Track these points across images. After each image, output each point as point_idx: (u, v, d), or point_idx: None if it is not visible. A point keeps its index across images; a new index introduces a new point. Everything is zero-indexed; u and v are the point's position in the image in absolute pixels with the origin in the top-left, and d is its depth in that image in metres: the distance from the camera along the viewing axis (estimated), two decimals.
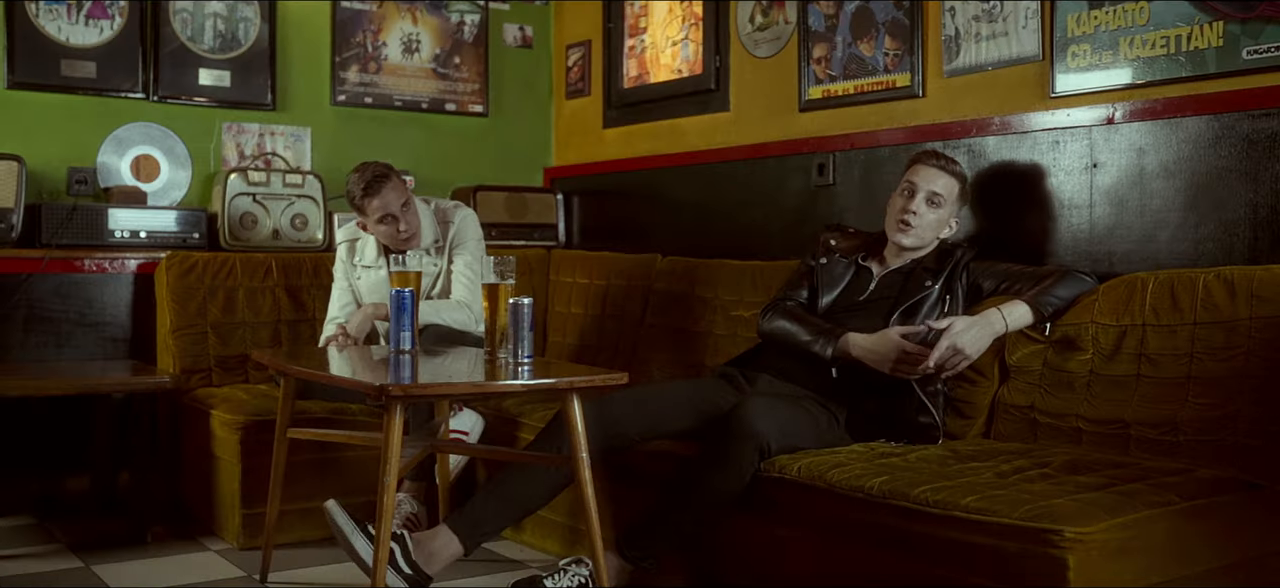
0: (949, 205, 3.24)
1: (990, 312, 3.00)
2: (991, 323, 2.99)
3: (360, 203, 3.78)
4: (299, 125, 4.77)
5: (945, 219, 3.25)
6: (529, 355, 2.89)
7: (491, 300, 3.09)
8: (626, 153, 4.87)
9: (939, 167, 3.25)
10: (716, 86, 4.45)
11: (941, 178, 3.23)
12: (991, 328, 2.98)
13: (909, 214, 3.22)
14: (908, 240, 3.25)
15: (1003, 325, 2.99)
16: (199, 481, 3.89)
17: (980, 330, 2.97)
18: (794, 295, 3.41)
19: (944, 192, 3.22)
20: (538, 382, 2.64)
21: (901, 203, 3.25)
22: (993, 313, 3.00)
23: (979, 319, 2.99)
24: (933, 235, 3.26)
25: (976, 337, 2.96)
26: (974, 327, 2.97)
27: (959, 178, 3.26)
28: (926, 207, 3.22)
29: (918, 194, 3.22)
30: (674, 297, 4.19)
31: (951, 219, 3.28)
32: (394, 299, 3.17)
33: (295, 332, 4.30)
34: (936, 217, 3.23)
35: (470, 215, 3.99)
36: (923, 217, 3.21)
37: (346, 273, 4.03)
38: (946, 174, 3.24)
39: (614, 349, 4.40)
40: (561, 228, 5.13)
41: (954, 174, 3.25)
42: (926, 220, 3.22)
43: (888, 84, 3.82)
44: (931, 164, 3.25)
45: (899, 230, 3.25)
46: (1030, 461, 2.69)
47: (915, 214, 3.21)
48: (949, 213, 3.26)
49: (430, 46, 5.07)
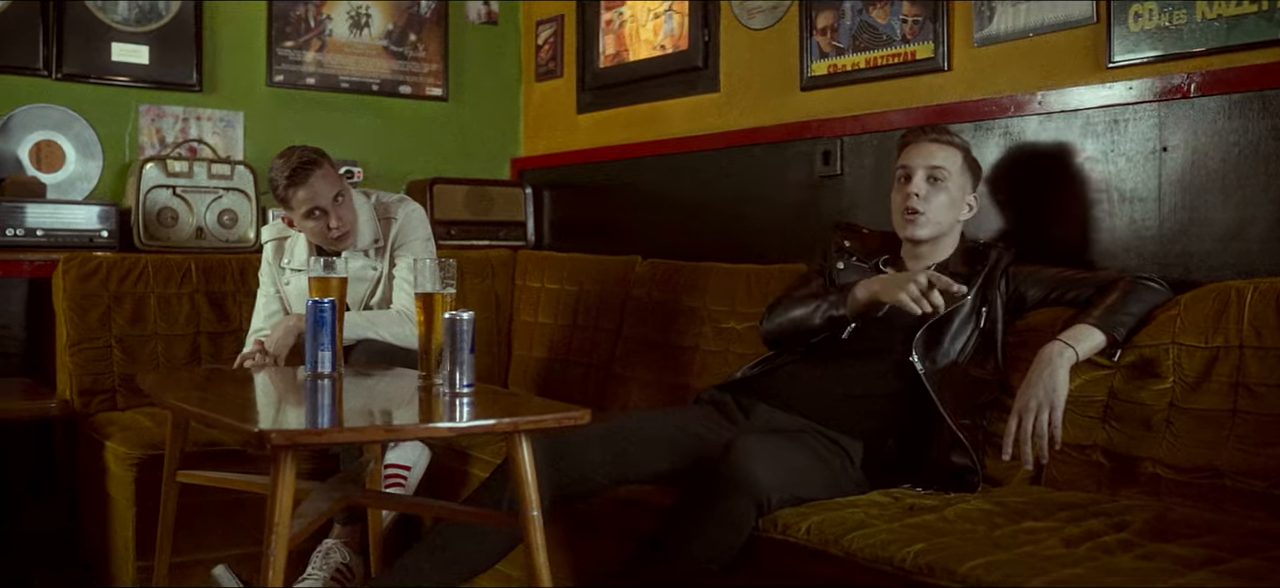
0: (955, 180, 2.71)
1: (1052, 346, 2.43)
2: (1058, 358, 2.43)
3: (284, 194, 3.20)
4: (229, 109, 4.19)
5: (957, 198, 2.73)
6: (469, 383, 2.31)
7: (427, 314, 2.51)
8: (603, 141, 4.33)
9: (932, 139, 2.74)
10: (705, 64, 3.88)
11: (938, 150, 2.72)
12: (1059, 364, 2.42)
13: (913, 200, 2.70)
14: (921, 232, 2.71)
15: (1073, 356, 2.43)
16: (95, 522, 3.31)
17: (1047, 372, 2.42)
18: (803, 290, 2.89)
19: (945, 164, 2.71)
20: (476, 423, 2.05)
21: (901, 193, 2.74)
22: (1057, 346, 2.43)
23: (1041, 359, 2.44)
24: (948, 220, 2.73)
25: (1046, 382, 2.42)
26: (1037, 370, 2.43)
27: (959, 147, 2.75)
28: (929, 187, 2.70)
29: (915, 175, 2.71)
30: (655, 305, 3.64)
31: (965, 198, 2.75)
32: (311, 312, 2.60)
33: (217, 345, 3.72)
34: (946, 197, 2.71)
35: (416, 210, 3.41)
36: (928, 200, 2.70)
37: (274, 277, 3.46)
38: (943, 145, 2.73)
39: (586, 365, 3.83)
40: (530, 226, 4.60)
41: (952, 144, 2.74)
42: (935, 203, 2.70)
43: (906, 56, 3.24)
44: (922, 139, 2.75)
45: (907, 223, 2.72)
46: (1104, 521, 2.12)
47: (919, 197, 2.69)
48: (959, 190, 2.73)
49: (382, 22, 4.49)
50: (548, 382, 3.96)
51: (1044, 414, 2.38)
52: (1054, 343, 2.42)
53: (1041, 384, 2.39)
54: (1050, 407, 2.38)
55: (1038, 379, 2.40)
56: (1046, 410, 2.38)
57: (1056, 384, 2.39)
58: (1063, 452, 2.48)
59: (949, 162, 2.71)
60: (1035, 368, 2.42)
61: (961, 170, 2.73)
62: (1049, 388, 2.39)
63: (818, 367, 2.73)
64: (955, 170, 2.71)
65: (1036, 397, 2.39)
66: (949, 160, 2.71)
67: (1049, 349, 2.42)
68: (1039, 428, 2.38)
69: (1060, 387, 2.39)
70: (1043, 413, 2.38)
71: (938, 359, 2.61)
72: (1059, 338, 2.43)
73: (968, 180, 2.75)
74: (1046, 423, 2.38)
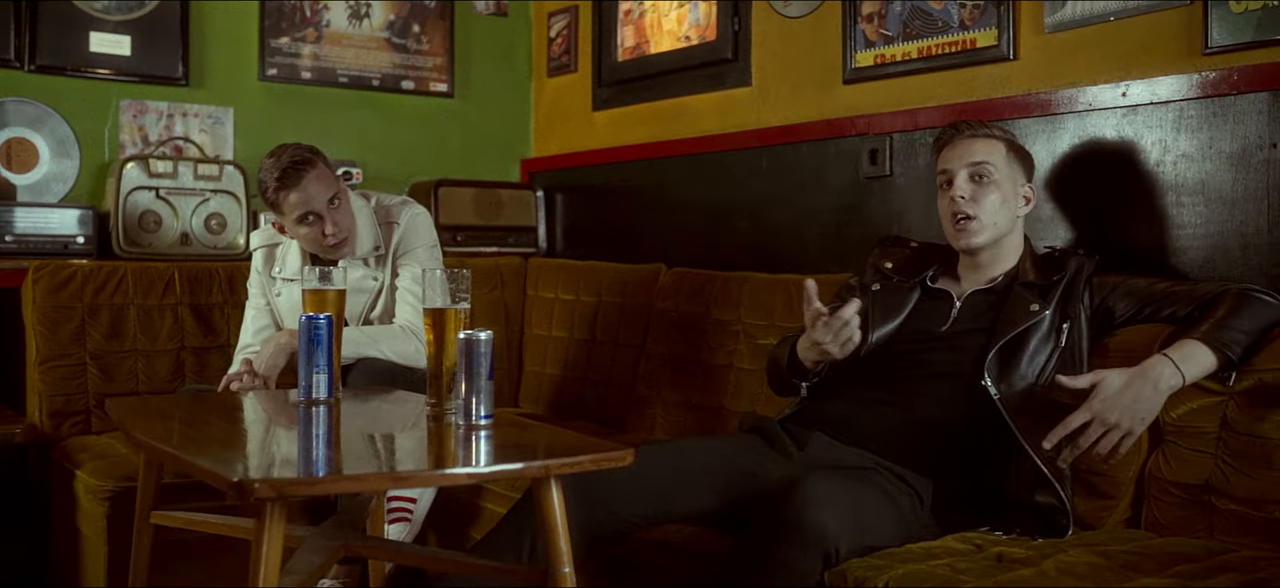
0: (1004, 173, 2.41)
1: (1157, 362, 2.11)
2: (1161, 379, 2.10)
3: (274, 197, 2.89)
4: (219, 105, 3.88)
5: (1010, 194, 2.42)
6: (488, 413, 1.99)
7: (437, 331, 2.19)
8: (622, 140, 4.01)
9: (970, 135, 2.45)
10: (735, 56, 3.57)
11: (978, 145, 2.43)
12: (1162, 387, 2.10)
13: (960, 204, 2.40)
14: (977, 239, 2.41)
15: (1178, 380, 2.10)
16: (65, 558, 2.99)
17: (1146, 391, 2.09)
18: None
19: (988, 157, 2.41)
20: (500, 468, 1.72)
21: (946, 199, 2.44)
22: (1161, 364, 2.11)
23: (1142, 372, 2.11)
24: (1005, 219, 2.42)
25: (1140, 403, 2.09)
26: (1134, 385, 2.09)
27: (1001, 139, 2.45)
28: (975, 187, 2.40)
29: (957, 177, 2.41)
30: (683, 319, 3.32)
31: (1019, 191, 2.44)
32: (305, 329, 2.28)
33: (203, 362, 3.40)
34: (997, 194, 2.40)
35: (421, 215, 3.09)
36: (978, 201, 2.39)
37: (264, 288, 3.14)
38: (982, 138, 2.44)
39: (605, 384, 3.51)
40: (542, 232, 4.29)
41: (992, 136, 2.45)
42: (987, 205, 2.39)
43: (965, 44, 2.93)
44: (958, 136, 2.46)
45: (959, 233, 2.42)
46: (1234, 579, 1.80)
47: (965, 199, 2.39)
48: (1010, 183, 2.42)
49: (383, 12, 4.17)
50: (563, 402, 3.65)
51: (1115, 436, 2.07)
52: (1162, 359, 2.10)
53: (1136, 404, 2.08)
54: (1128, 433, 2.07)
55: (1131, 394, 2.08)
56: (1120, 435, 2.07)
57: (1150, 411, 2.09)
58: (1164, 490, 2.16)
59: (992, 155, 2.41)
60: (1135, 379, 2.10)
61: (1008, 162, 2.43)
62: (1137, 412, 2.08)
63: (879, 391, 2.42)
64: (1001, 163, 2.42)
65: (1124, 414, 2.07)
66: (992, 153, 2.41)
67: (1156, 366, 2.10)
68: (1104, 446, 2.07)
69: (1150, 416, 2.09)
70: (1115, 435, 2.07)
71: (1014, 382, 2.29)
72: (1167, 355, 2.11)
73: (1018, 171, 2.45)
74: (1112, 444, 2.07)
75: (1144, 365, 2.11)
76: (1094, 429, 2.08)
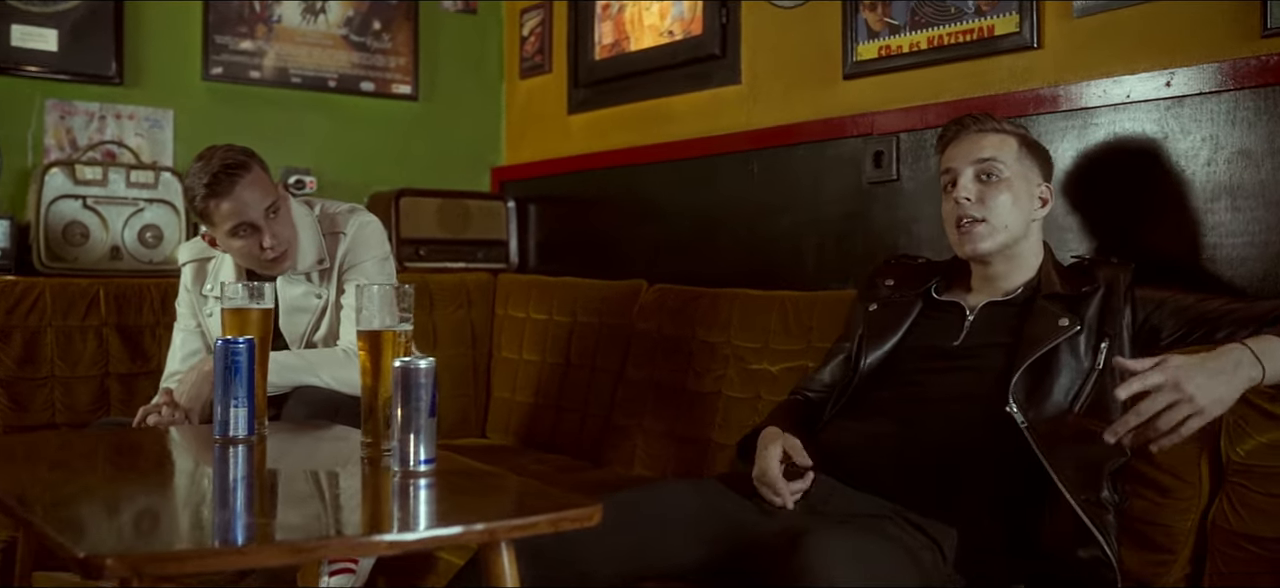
0: (1015, 171, 2.10)
1: (1233, 348, 1.78)
2: (1240, 362, 1.76)
3: (203, 206, 2.55)
4: (156, 107, 3.55)
5: (1022, 194, 2.11)
6: (428, 458, 1.65)
7: (373, 357, 1.85)
8: (600, 146, 3.70)
9: (976, 129, 2.15)
10: (722, 52, 3.25)
11: (985, 140, 2.13)
12: (1241, 373, 1.76)
13: (965, 207, 2.09)
14: (984, 245, 2.09)
15: (1258, 371, 1.76)
16: None
17: (1225, 367, 1.75)
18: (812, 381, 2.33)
19: (996, 154, 2.10)
20: (436, 533, 1.36)
21: (949, 202, 2.14)
22: (1237, 350, 1.77)
23: (1218, 352, 1.77)
24: (1017, 222, 2.10)
25: (1217, 379, 1.73)
26: (1212, 361, 1.75)
27: (1013, 133, 2.14)
28: (981, 186, 2.09)
29: (963, 175, 2.11)
30: (666, 341, 3.00)
31: (1034, 191, 2.13)
32: (221, 355, 1.95)
33: (131, 390, 3.06)
34: (1007, 195, 2.09)
35: (370, 224, 2.75)
36: (985, 203, 2.08)
37: (194, 308, 2.80)
38: (990, 133, 2.13)
39: (581, 413, 3.18)
40: (513, 245, 3.97)
41: (1002, 130, 2.14)
42: (996, 206, 2.08)
43: (982, 32, 2.61)
44: (963, 132, 2.16)
45: (964, 237, 2.11)
46: None
47: (970, 202, 2.09)
48: (1023, 181, 2.11)
49: (341, 7, 3.85)
50: (534, 432, 3.31)
51: (1185, 410, 1.71)
52: (1245, 348, 1.77)
53: (1212, 379, 1.72)
54: (1200, 411, 1.71)
55: (1209, 375, 1.72)
56: (1190, 411, 1.71)
57: (1227, 394, 1.73)
58: (1231, 542, 1.83)
59: (1001, 151, 2.10)
60: (1214, 358, 1.75)
61: (1019, 158, 2.12)
62: (1213, 390, 1.71)
63: (886, 421, 2.09)
64: (1012, 160, 2.10)
65: (1198, 387, 1.71)
66: (1001, 149, 2.10)
67: (1238, 355, 1.76)
68: (1166, 422, 1.71)
69: (1226, 399, 1.73)
70: (1185, 408, 1.71)
71: (1045, 409, 1.96)
72: (1249, 345, 1.78)
73: (1032, 168, 2.13)
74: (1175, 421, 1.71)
75: (1225, 349, 1.77)
76: (1166, 394, 1.72)
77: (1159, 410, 1.71)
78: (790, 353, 2.63)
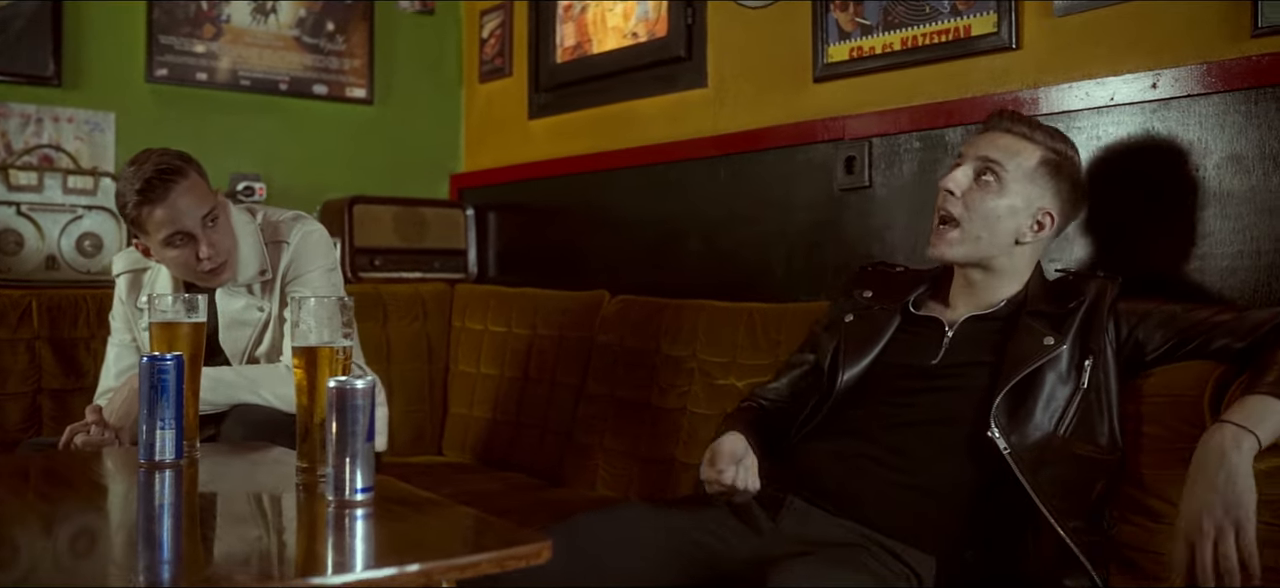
0: (1019, 184, 1.97)
1: (1225, 439, 1.66)
2: (1224, 446, 1.65)
3: (136, 214, 2.39)
4: (97, 109, 3.39)
5: (1018, 209, 1.97)
6: (364, 486, 1.51)
7: (309, 376, 1.71)
8: (562, 151, 3.57)
9: (1004, 129, 2.00)
10: (688, 54, 3.13)
11: (1003, 140, 1.99)
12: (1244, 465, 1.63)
13: (946, 201, 1.98)
14: (950, 251, 1.99)
15: (1251, 441, 1.65)
16: None
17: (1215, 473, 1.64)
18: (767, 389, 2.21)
19: (1004, 158, 1.97)
20: (371, 575, 1.21)
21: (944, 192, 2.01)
22: (1218, 432, 1.66)
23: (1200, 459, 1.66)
24: (996, 239, 1.98)
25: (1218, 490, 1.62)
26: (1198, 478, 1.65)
27: (1044, 146, 1.99)
28: (974, 186, 1.97)
29: (962, 166, 1.99)
30: (629, 354, 2.88)
31: (1033, 213, 1.98)
32: (147, 373, 1.81)
33: (64, 407, 2.91)
34: (999, 204, 1.96)
35: (315, 232, 2.60)
36: (970, 206, 1.97)
37: (129, 321, 2.64)
38: (1016, 137, 1.99)
39: (540, 429, 3.06)
40: (472, 255, 3.83)
41: (1031, 139, 1.99)
42: (979, 211, 1.96)
43: (958, 32, 2.50)
44: (994, 127, 2.02)
45: (934, 237, 2.01)
46: None
47: (955, 197, 1.97)
48: (1023, 200, 1.97)
49: (293, 7, 3.70)
50: (492, 449, 3.18)
51: (1229, 538, 1.60)
52: (1224, 427, 1.66)
53: (1218, 495, 1.62)
54: (1236, 525, 1.60)
55: (1211, 486, 1.62)
56: (1231, 532, 1.60)
57: (1239, 491, 1.61)
58: None
59: (1014, 158, 1.97)
60: (1201, 469, 1.64)
61: (1033, 176, 1.97)
62: (1230, 498, 1.61)
63: (862, 442, 1.97)
64: (1021, 172, 1.97)
65: (1213, 514, 1.61)
66: (1015, 157, 1.97)
67: (1218, 438, 1.65)
68: (1224, 560, 1.60)
69: (1246, 494, 1.61)
70: (1227, 537, 1.60)
71: (1027, 432, 1.85)
72: (1228, 420, 1.67)
73: (1043, 189, 1.98)
74: (1233, 550, 1.60)
75: (1208, 444, 1.66)
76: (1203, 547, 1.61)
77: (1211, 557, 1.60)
78: (758, 368, 2.51)
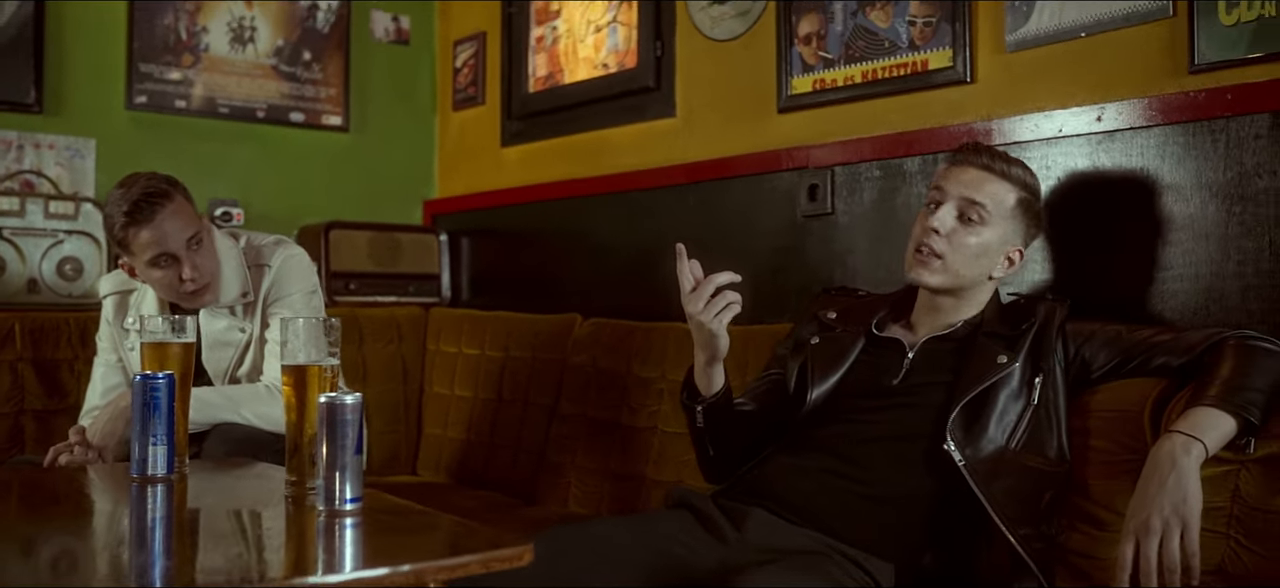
0: (998, 225, 2.06)
1: (1163, 442, 1.78)
2: (1175, 454, 1.76)
3: (123, 235, 2.47)
4: (77, 136, 3.45)
5: (993, 248, 2.07)
6: (354, 497, 1.59)
7: (298, 393, 1.80)
8: (534, 179, 3.65)
9: (983, 165, 2.07)
10: (657, 84, 3.23)
11: (986, 181, 2.06)
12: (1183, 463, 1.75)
13: (931, 237, 2.06)
14: (932, 279, 2.07)
15: (1199, 448, 1.77)
16: None
17: (1166, 474, 1.75)
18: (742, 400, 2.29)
19: (988, 202, 2.05)
20: (362, 575, 1.31)
21: (921, 224, 2.10)
22: (1169, 441, 1.78)
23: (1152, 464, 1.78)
24: (973, 273, 2.07)
25: (1166, 490, 1.74)
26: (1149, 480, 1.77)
27: (1019, 184, 2.08)
28: (958, 223, 2.05)
29: (945, 204, 2.07)
30: (601, 376, 2.96)
31: (1008, 251, 2.09)
32: (139, 391, 1.88)
33: (47, 428, 2.96)
34: (977, 242, 2.05)
35: (296, 255, 2.69)
36: (953, 243, 2.05)
37: (115, 342, 2.71)
38: (994, 176, 2.07)
39: (514, 449, 3.13)
40: (445, 279, 3.90)
41: (1007, 177, 2.07)
42: (961, 247, 2.05)
43: (915, 66, 2.62)
44: (972, 163, 2.08)
45: (917, 263, 2.09)
46: None
47: (939, 234, 2.05)
48: (1000, 240, 2.07)
49: (270, 37, 3.78)
50: (466, 469, 3.25)
51: (1174, 537, 1.71)
52: (1174, 436, 1.77)
53: (1165, 495, 1.73)
54: (1182, 524, 1.71)
55: (1161, 487, 1.74)
56: (1176, 530, 1.71)
57: (1186, 492, 1.73)
58: None
59: (995, 199, 2.06)
60: (1152, 472, 1.76)
61: (1011, 215, 2.07)
62: (1177, 498, 1.72)
63: (825, 457, 2.07)
64: (1001, 213, 2.06)
65: (1159, 512, 1.72)
66: (996, 198, 2.06)
67: (1169, 446, 1.77)
68: (1168, 556, 1.71)
69: (1192, 496, 1.73)
70: (1172, 535, 1.72)
71: (981, 446, 1.95)
72: (1178, 430, 1.78)
73: (1017, 230, 2.09)
74: (1177, 549, 1.71)
75: (1158, 452, 1.77)
76: (1149, 544, 1.72)
77: (1156, 555, 1.71)
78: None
